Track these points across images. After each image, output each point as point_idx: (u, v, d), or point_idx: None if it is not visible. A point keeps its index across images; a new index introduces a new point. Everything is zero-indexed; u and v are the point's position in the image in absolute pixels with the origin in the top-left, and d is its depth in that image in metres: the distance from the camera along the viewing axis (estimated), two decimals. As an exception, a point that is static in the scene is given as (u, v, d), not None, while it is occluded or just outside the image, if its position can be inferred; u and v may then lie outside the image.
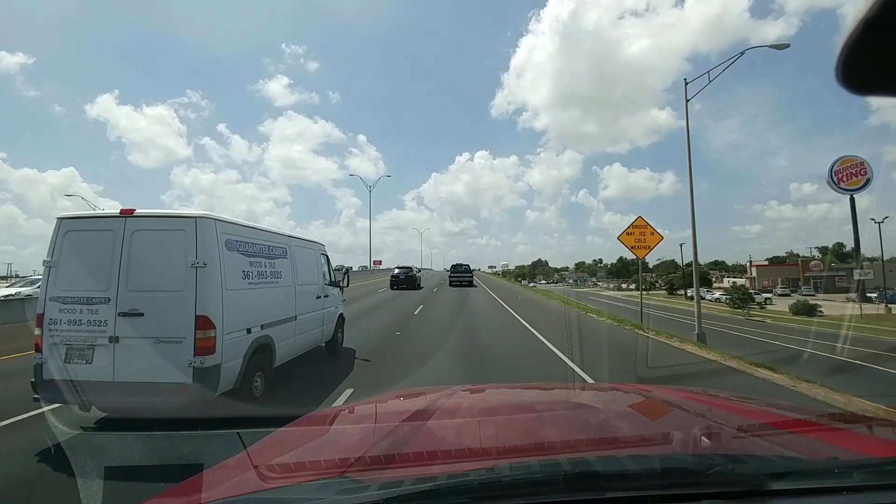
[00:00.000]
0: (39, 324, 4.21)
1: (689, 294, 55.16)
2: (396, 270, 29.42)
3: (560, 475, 0.91)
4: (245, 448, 1.30)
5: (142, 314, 4.15)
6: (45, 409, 4.22)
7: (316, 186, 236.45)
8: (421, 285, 29.87)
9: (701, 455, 1.07)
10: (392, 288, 26.96)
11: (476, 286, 32.38)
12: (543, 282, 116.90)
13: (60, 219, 4.46)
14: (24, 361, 7.34)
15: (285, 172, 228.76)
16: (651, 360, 8.44)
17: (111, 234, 4.33)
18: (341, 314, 8.38)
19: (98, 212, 4.66)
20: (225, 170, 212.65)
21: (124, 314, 4.15)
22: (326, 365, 7.27)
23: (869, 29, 0.65)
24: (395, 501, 0.84)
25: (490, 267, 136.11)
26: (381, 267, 55.05)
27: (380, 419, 1.81)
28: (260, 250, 5.40)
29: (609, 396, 2.20)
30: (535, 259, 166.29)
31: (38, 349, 4.16)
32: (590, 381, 6.53)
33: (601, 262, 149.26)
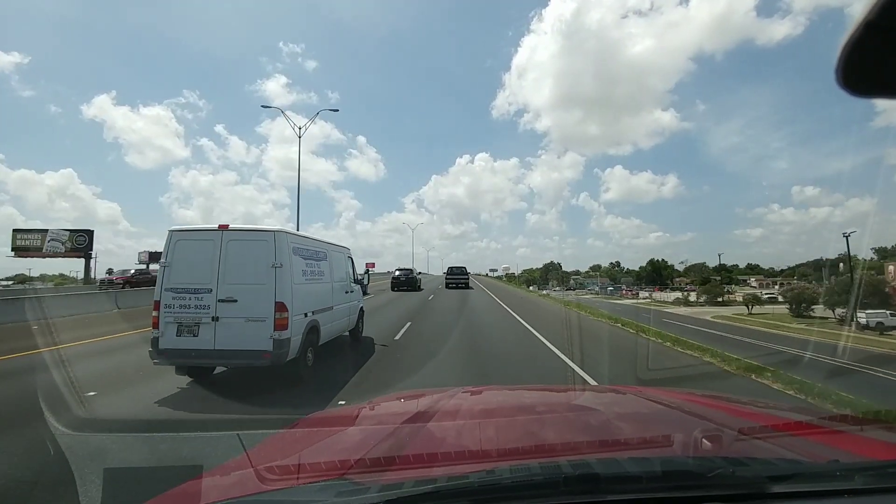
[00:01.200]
0: (156, 308, 5.66)
1: (836, 316, 39.47)
2: (397, 272, 29.58)
3: (560, 477, 0.91)
4: (245, 450, 1.30)
5: (236, 300, 5.65)
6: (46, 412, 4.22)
7: (315, 188, 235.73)
8: (421, 287, 29.90)
9: (702, 457, 1.06)
10: (393, 289, 26.84)
11: (472, 287, 32.56)
12: (558, 289, 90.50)
13: (172, 231, 5.95)
14: (22, 361, 7.34)
15: (284, 174, 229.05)
16: None
17: (212, 242, 5.84)
18: (362, 307, 9.89)
19: (201, 226, 6.20)
20: (223, 171, 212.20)
21: (223, 300, 5.65)
22: (353, 348, 8.89)
23: (869, 31, 0.65)
24: (395, 503, 0.84)
25: (491, 270, 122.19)
26: (374, 270, 54.53)
27: (380, 421, 1.80)
28: (311, 254, 7.00)
29: (609, 398, 2.19)
30: (548, 262, 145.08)
31: (155, 326, 5.64)
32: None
33: (618, 266, 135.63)
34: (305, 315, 6.31)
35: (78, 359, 7.60)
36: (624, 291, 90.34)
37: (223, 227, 5.91)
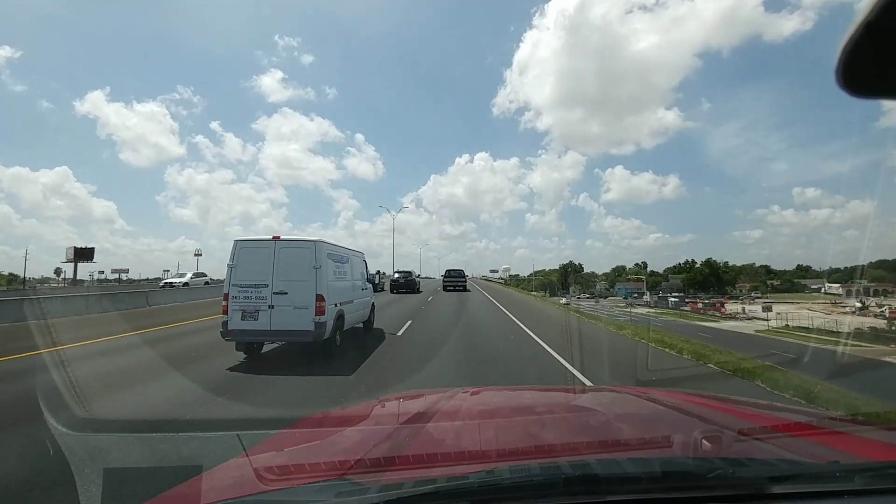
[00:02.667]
0: (225, 299, 7.44)
1: None
2: (396, 275, 30.05)
3: (560, 478, 0.91)
4: (244, 450, 1.30)
5: (286, 293, 7.42)
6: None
7: (313, 187, 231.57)
8: (420, 289, 30.18)
9: (702, 458, 1.06)
10: (392, 291, 27.04)
11: (469, 290, 32.09)
12: (585, 296, 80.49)
13: (237, 241, 7.77)
14: (22, 362, 7.34)
15: (281, 172, 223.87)
16: None
17: (267, 249, 7.62)
18: (373, 303, 11.54)
19: (259, 236, 7.99)
20: (219, 169, 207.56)
21: (276, 293, 7.42)
22: (367, 335, 10.62)
23: (869, 32, 0.65)
24: (394, 503, 0.84)
25: (492, 271, 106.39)
26: (371, 271, 53.76)
27: (379, 421, 1.80)
28: (339, 258, 8.85)
29: (609, 399, 2.19)
30: (565, 262, 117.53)
31: (225, 312, 7.40)
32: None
33: (644, 267, 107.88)
34: (335, 305, 8.03)
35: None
36: (695, 303, 64.12)
37: (276, 238, 7.78)
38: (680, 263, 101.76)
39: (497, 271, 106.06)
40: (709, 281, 70.13)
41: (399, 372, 7.06)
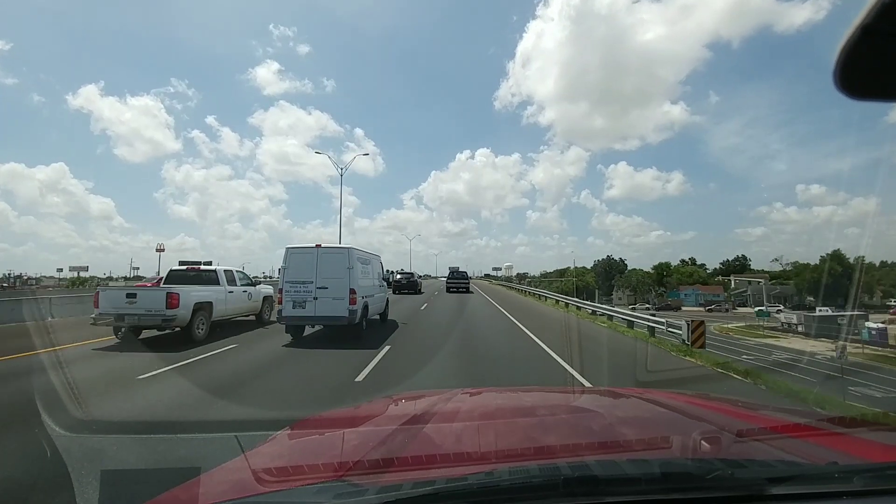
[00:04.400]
0: (280, 293, 10.00)
1: None
2: (399, 276, 30.91)
3: (559, 479, 0.91)
4: (243, 451, 1.29)
5: (327, 288, 9.83)
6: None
7: (312, 183, 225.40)
8: (422, 290, 31.29)
9: (701, 459, 1.06)
10: (395, 292, 27.48)
11: (472, 291, 32.08)
12: (647, 307, 56.21)
13: (288, 248, 10.25)
14: (22, 363, 7.31)
15: (279, 168, 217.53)
16: None
17: (311, 254, 10.13)
18: (387, 298, 14.03)
19: (305, 244, 10.49)
20: (216, 165, 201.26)
21: (319, 288, 9.84)
22: (383, 325, 13.16)
23: (866, 34, 0.66)
24: None
25: (495, 269, 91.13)
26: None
27: (378, 423, 1.80)
28: (364, 261, 11.26)
29: (608, 400, 2.19)
30: (603, 257, 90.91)
31: (280, 303, 9.99)
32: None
33: (692, 262, 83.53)
34: (363, 297, 10.37)
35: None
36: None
37: (318, 246, 10.35)
38: (685, 260, 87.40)
39: (500, 269, 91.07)
40: (840, 284, 46.22)
41: (414, 345, 9.98)
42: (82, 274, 69.87)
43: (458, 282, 33.96)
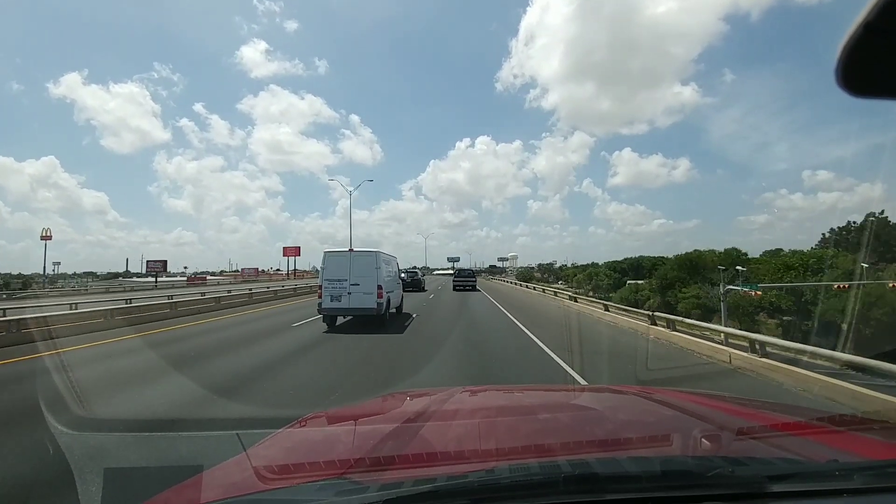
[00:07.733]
0: (320, 289, 12.02)
1: None
2: (403, 274, 30.74)
3: (559, 477, 0.91)
4: (244, 449, 1.30)
5: (358, 284, 11.86)
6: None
7: (308, 174, 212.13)
8: (425, 287, 31.74)
9: (701, 457, 1.07)
10: None
11: (479, 289, 31.70)
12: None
13: (326, 252, 12.35)
14: (22, 364, 7.33)
15: (273, 158, 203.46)
16: None
17: (346, 256, 12.20)
18: (402, 294, 16.33)
19: (340, 249, 12.54)
20: (208, 156, 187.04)
21: (352, 284, 11.88)
22: (400, 316, 15.18)
23: (868, 32, 0.66)
24: (394, 503, 0.84)
25: (500, 260, 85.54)
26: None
27: (379, 420, 1.80)
28: (386, 262, 13.30)
29: (608, 398, 2.19)
30: (691, 249, 42.22)
31: (320, 297, 11.97)
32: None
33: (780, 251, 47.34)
34: (386, 293, 12.35)
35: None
36: None
37: (350, 249, 12.43)
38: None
39: (506, 259, 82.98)
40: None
41: (428, 329, 12.36)
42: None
43: (464, 280, 34.60)
